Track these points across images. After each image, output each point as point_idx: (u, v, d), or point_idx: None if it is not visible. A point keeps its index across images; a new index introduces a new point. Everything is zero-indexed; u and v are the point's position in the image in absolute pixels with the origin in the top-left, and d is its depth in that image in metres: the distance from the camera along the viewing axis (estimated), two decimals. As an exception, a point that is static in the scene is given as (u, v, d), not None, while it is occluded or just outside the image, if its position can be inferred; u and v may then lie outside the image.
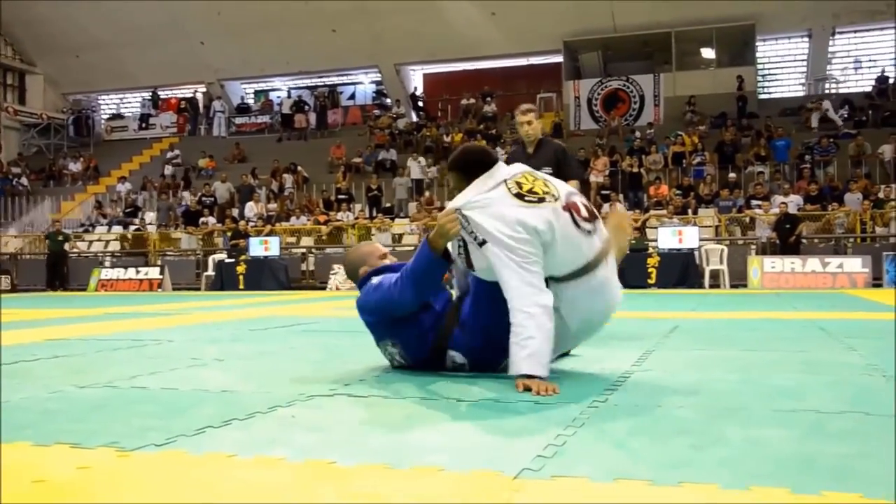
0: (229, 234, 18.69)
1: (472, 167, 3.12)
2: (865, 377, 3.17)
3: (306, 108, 28.15)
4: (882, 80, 22.94)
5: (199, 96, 30.92)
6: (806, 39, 24.65)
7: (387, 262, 3.54)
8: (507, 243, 2.89)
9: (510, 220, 2.92)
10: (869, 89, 22.84)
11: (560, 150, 5.64)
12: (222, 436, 2.21)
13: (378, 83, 29.30)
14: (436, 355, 3.28)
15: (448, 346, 3.25)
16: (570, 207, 3.05)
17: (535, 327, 2.82)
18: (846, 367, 3.48)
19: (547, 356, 2.86)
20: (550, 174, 5.18)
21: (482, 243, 2.95)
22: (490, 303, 3.10)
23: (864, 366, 3.51)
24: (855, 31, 24.53)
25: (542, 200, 3.00)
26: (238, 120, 29.58)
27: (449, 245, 3.10)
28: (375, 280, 3.33)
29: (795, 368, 3.44)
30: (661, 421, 2.37)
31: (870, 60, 24.68)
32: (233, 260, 17.00)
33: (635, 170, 19.11)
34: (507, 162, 5.48)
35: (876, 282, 13.55)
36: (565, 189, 3.18)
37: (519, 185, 3.05)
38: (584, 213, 3.10)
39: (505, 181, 3.06)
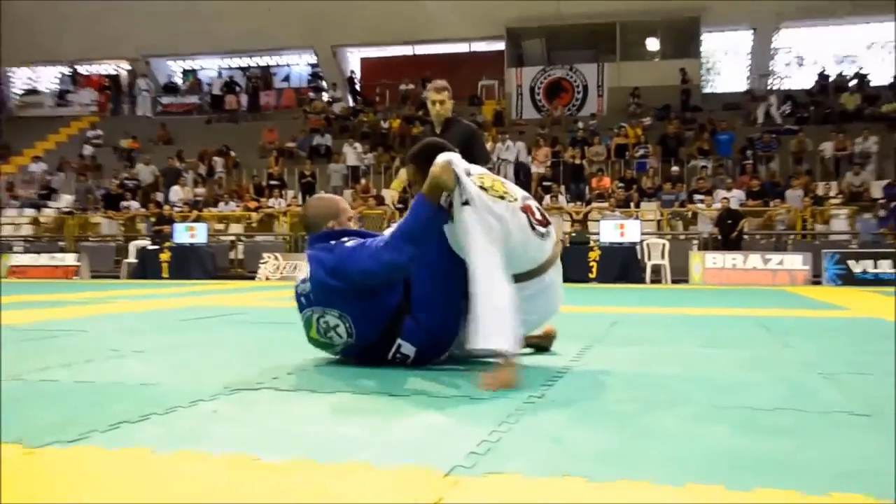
0: (153, 219, 18.31)
1: (433, 160, 3.12)
2: (802, 374, 3.27)
3: (238, 89, 27.72)
4: (823, 77, 23.65)
5: (123, 74, 30.16)
6: (750, 33, 25.25)
7: (352, 226, 3.44)
8: (484, 212, 2.96)
9: (484, 200, 3.00)
10: (811, 86, 23.51)
11: (468, 132, 5.51)
12: (139, 431, 2.17)
13: (314, 65, 29.00)
14: (384, 340, 3.24)
15: (398, 333, 3.24)
16: (526, 210, 3.14)
17: (503, 294, 2.86)
18: (784, 365, 3.57)
19: (514, 329, 2.86)
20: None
21: (465, 202, 2.98)
22: (445, 298, 3.14)
23: (801, 363, 3.62)
24: (798, 28, 25.22)
25: (501, 198, 3.07)
26: (164, 100, 28.95)
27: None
28: (350, 242, 3.20)
29: (734, 365, 3.52)
30: (597, 415, 2.41)
31: (812, 58, 25.43)
32: (156, 247, 16.66)
33: (577, 161, 19.33)
34: None
35: (815, 279, 13.97)
36: (521, 192, 3.26)
37: (481, 180, 3.11)
38: (539, 216, 3.20)
39: (470, 172, 3.12)
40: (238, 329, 5.27)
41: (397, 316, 3.21)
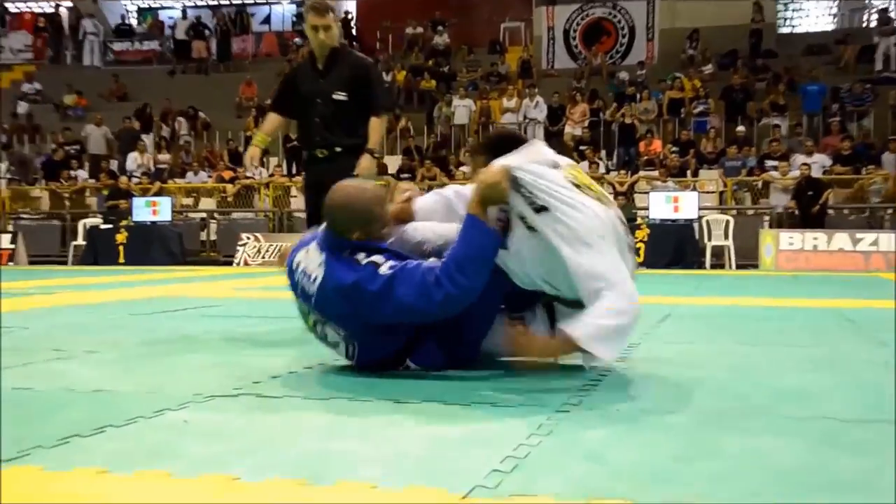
0: (106, 192, 18.39)
1: (507, 151, 3.13)
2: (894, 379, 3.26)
3: (207, 33, 27.72)
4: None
5: (64, 13, 30.17)
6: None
7: (384, 235, 3.28)
8: (574, 210, 2.96)
9: (573, 197, 3.00)
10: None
11: (362, 69, 5.31)
12: (93, 447, 2.20)
13: (299, 4, 28.95)
14: (391, 362, 3.27)
15: (409, 356, 3.26)
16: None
17: (631, 296, 2.99)
18: (872, 367, 3.58)
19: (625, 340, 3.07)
20: (345, 104, 5.07)
21: (540, 209, 2.96)
22: (477, 321, 3.20)
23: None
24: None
25: (599, 201, 3.09)
26: (117, 46, 29.00)
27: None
28: (385, 267, 3.02)
29: (809, 367, 3.52)
30: (644, 427, 2.42)
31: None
32: (110, 226, 16.73)
33: (627, 120, 19.25)
34: (290, 83, 5.36)
35: (917, 263, 13.89)
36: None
37: (573, 174, 3.12)
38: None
39: (558, 164, 3.13)
40: (211, 324, 5.30)
41: (412, 342, 3.23)
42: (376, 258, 3.04)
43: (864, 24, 24.22)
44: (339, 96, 5.15)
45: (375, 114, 5.25)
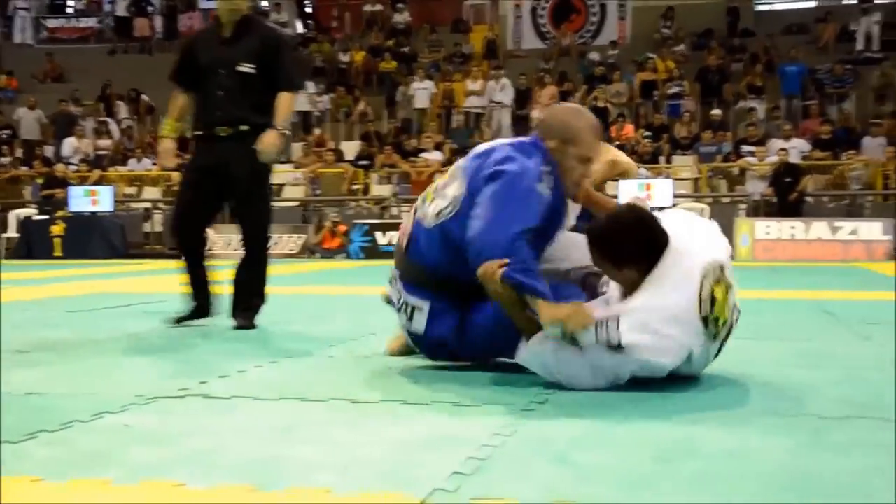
0: (40, 181, 18.17)
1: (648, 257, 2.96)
2: (880, 374, 3.30)
3: (150, 9, 27.42)
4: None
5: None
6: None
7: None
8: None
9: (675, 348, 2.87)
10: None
11: (272, 40, 5.11)
12: (25, 453, 2.17)
13: (250, -22, 28.73)
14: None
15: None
16: None
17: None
18: (857, 361, 3.63)
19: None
20: (251, 77, 4.83)
21: (617, 347, 2.84)
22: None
23: (880, 360, 3.66)
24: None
25: (716, 337, 2.96)
26: (51, 22, 28.60)
27: None
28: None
29: (791, 362, 3.56)
30: (615, 427, 2.44)
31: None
32: (45, 217, 16.54)
33: (599, 104, 19.27)
34: (189, 52, 5.05)
35: (899, 253, 14.08)
36: None
37: (712, 301, 2.90)
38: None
39: (700, 284, 2.90)
40: (156, 322, 5.25)
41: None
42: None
43: (845, 2, 24.42)
44: (245, 68, 4.86)
45: (285, 89, 5.03)
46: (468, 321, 3.20)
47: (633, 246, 2.91)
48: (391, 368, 3.40)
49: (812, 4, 25.13)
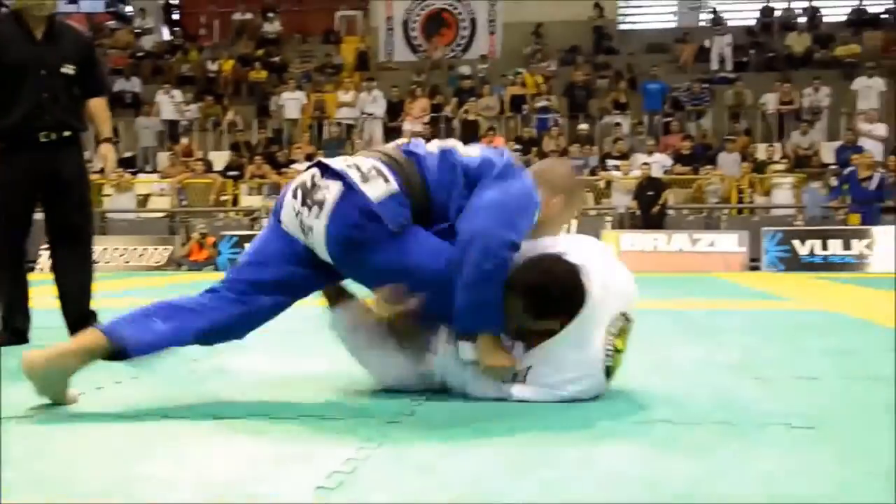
0: None
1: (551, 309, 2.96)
2: (732, 380, 3.41)
3: (2, 10, 26.54)
4: (767, 12, 24.50)
5: None
6: (678, -43, 26.00)
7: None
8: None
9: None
10: (752, 24, 24.32)
11: (87, 46, 4.95)
12: None
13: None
14: None
15: None
16: None
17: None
18: (710, 368, 3.73)
19: None
20: (72, 78, 4.62)
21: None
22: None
23: (732, 366, 3.77)
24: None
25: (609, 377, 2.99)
26: None
27: None
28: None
29: (646, 370, 3.62)
30: (476, 436, 2.46)
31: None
32: None
33: (470, 116, 19.43)
34: None
35: (754, 263, 14.57)
36: None
37: (616, 352, 2.97)
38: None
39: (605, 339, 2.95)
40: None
41: None
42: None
43: (703, 23, 25.20)
44: (68, 70, 4.65)
45: (102, 95, 4.92)
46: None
47: (561, 301, 2.91)
48: (259, 382, 3.36)
49: (672, 25, 25.86)
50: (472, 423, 2.62)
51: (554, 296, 2.90)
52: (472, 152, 3.03)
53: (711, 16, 24.50)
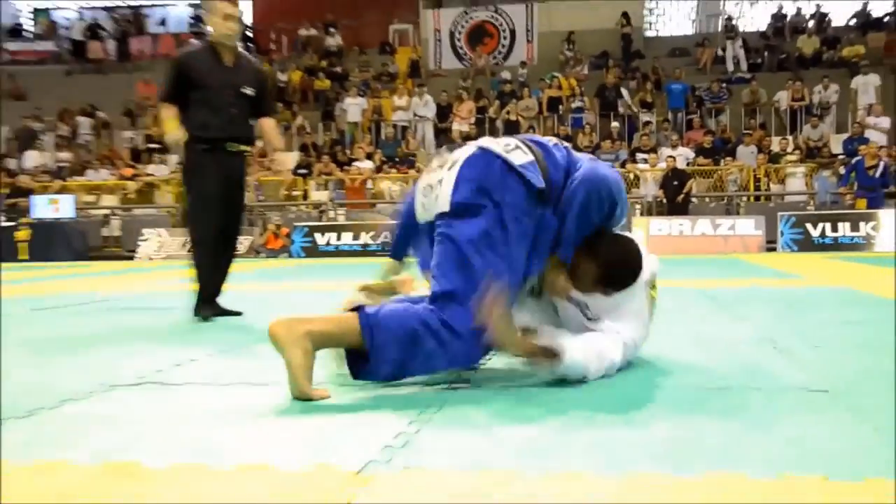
0: (5, 191, 17.71)
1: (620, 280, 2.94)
2: (753, 350, 3.39)
3: (103, 34, 26.88)
4: (778, 17, 24.20)
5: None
6: (697, -31, 25.71)
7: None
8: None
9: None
10: (764, 28, 24.03)
11: (263, 72, 5.34)
12: (-5, 437, 2.11)
13: (195, 6, 28.33)
14: None
15: None
16: None
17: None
18: (733, 340, 3.70)
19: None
20: (251, 99, 4.93)
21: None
22: None
23: (753, 338, 3.75)
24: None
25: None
26: (11, 46, 27.87)
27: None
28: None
29: (678, 343, 3.61)
30: (525, 403, 2.45)
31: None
32: (11, 224, 16.14)
33: (511, 117, 19.38)
34: (183, 73, 4.88)
35: (770, 245, 14.42)
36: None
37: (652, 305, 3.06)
38: None
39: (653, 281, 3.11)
40: (114, 317, 5.17)
41: None
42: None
43: (720, 29, 24.92)
44: (248, 91, 4.98)
45: (272, 115, 5.35)
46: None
47: (629, 279, 2.91)
48: (327, 356, 3.39)
49: (691, 31, 25.60)
50: (521, 391, 2.62)
51: (625, 273, 2.90)
52: (581, 156, 2.98)
53: (727, 22, 24.22)
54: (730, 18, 24.48)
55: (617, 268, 2.88)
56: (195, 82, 4.87)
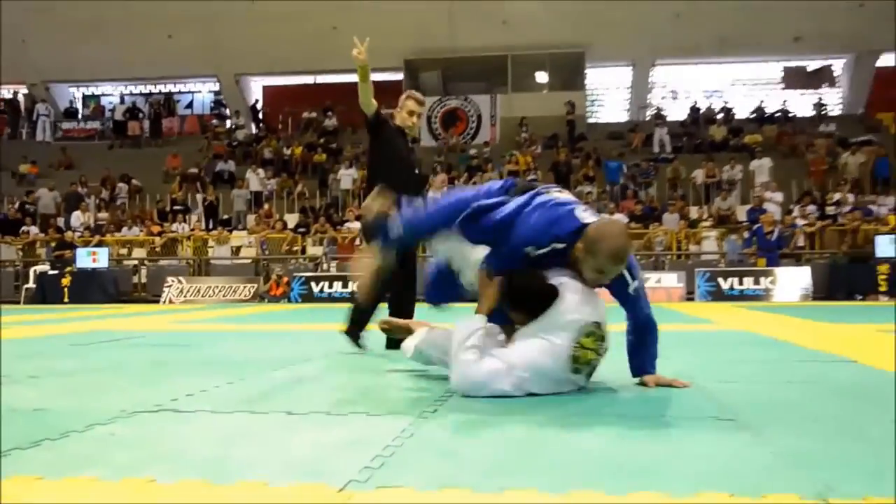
0: (53, 244, 17.52)
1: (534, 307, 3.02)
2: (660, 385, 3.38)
3: (140, 115, 26.89)
4: (695, 110, 24.71)
5: (21, 98, 28.83)
6: (630, 69, 26.16)
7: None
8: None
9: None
10: (684, 118, 24.51)
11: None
12: (30, 457, 2.05)
13: (217, 93, 28.45)
14: None
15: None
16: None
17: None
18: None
19: None
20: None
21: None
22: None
23: (674, 373, 3.73)
24: (672, 65, 26.33)
25: (578, 372, 3.06)
26: (65, 125, 27.80)
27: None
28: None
29: (612, 378, 3.58)
30: (486, 429, 2.42)
31: (684, 92, 26.57)
32: (57, 271, 15.94)
33: (478, 186, 19.50)
34: (384, 140, 5.12)
35: (689, 296, 14.52)
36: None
37: (582, 349, 3.02)
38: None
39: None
40: (139, 352, 5.08)
41: None
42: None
43: (648, 118, 25.37)
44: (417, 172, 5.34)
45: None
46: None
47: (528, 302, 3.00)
48: (319, 384, 3.34)
49: (625, 119, 26.01)
50: (486, 417, 2.58)
51: (526, 296, 2.99)
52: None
53: (655, 112, 24.68)
54: (659, 109, 24.94)
55: (520, 294, 3.00)
56: (389, 145, 5.12)
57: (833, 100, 25.71)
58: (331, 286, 15.49)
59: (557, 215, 3.00)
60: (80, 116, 28.61)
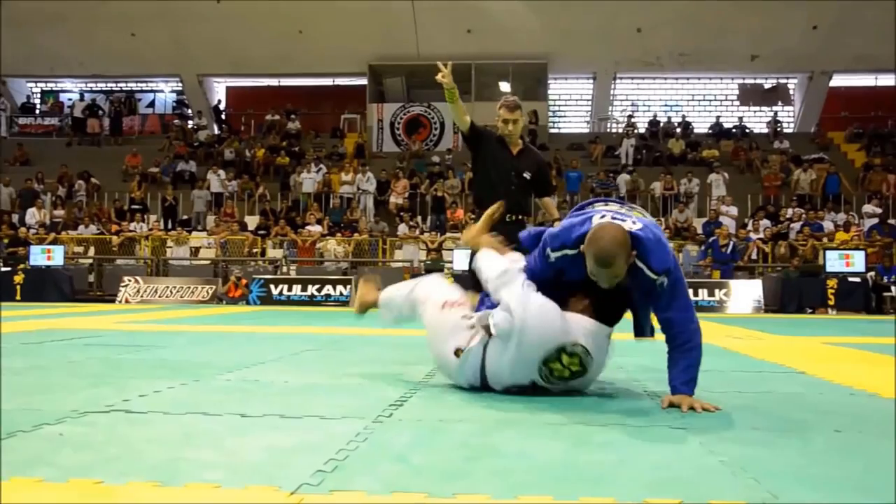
0: (6, 241, 17.14)
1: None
2: (629, 394, 3.42)
3: (100, 112, 26.44)
4: (654, 123, 25.03)
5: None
6: (591, 81, 26.43)
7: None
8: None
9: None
10: (643, 131, 24.82)
11: (543, 163, 5.46)
12: (-26, 457, 2.00)
13: (179, 93, 28.09)
14: None
15: None
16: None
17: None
18: (614, 385, 3.72)
19: None
20: (528, 181, 5.06)
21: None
22: None
23: (630, 383, 3.78)
24: (633, 79, 26.67)
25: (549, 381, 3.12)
26: (22, 120, 27.23)
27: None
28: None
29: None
30: (440, 434, 2.41)
31: (644, 106, 26.92)
32: (9, 269, 15.58)
33: (438, 193, 19.51)
34: (482, 156, 5.15)
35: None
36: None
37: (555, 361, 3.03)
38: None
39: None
40: (92, 352, 4.98)
41: None
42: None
43: (609, 130, 25.63)
44: (527, 175, 5.08)
45: (550, 195, 5.52)
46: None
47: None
48: (274, 387, 3.31)
49: (586, 130, 26.26)
50: (440, 422, 2.59)
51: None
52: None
53: (624, 122, 24.92)
54: (631, 116, 25.19)
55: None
56: (486, 156, 5.09)
57: (787, 117, 26.25)
58: (290, 289, 15.38)
59: (572, 224, 3.05)
60: (37, 112, 28.05)
